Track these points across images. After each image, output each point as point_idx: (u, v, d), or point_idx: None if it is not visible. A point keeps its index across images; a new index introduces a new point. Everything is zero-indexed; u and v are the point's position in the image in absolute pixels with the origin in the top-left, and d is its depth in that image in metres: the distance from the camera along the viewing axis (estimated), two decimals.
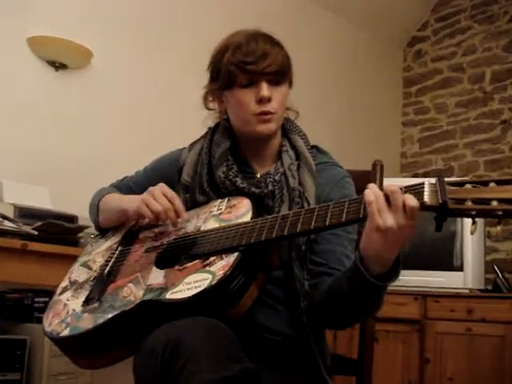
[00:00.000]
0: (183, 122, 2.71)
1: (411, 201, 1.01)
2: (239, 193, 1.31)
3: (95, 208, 1.50)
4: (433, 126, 4.41)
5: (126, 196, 1.45)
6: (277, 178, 1.33)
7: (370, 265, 1.09)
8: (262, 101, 1.29)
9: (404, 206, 1.02)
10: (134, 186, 1.53)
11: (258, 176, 1.37)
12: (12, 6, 2.69)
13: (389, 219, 1.03)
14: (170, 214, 1.29)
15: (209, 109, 1.43)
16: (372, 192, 1.05)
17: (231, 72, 1.30)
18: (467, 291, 3.09)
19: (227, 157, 1.36)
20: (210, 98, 1.41)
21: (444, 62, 4.41)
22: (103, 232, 1.50)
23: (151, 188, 1.32)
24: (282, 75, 1.32)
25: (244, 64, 1.28)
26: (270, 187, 1.31)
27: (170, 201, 1.29)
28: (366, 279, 1.09)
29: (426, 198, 1.01)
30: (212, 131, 1.43)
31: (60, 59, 2.78)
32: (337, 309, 1.21)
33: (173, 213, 1.29)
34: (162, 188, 1.31)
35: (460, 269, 3.11)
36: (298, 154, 1.37)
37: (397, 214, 1.03)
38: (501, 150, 4.02)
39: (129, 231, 1.43)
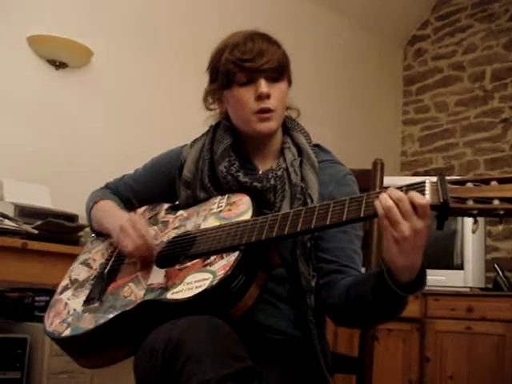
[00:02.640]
0: (183, 120, 2.71)
1: (419, 199, 1.00)
2: (241, 188, 1.31)
3: (88, 216, 1.51)
4: (433, 125, 4.41)
5: (114, 214, 1.41)
6: (279, 173, 1.32)
7: (396, 275, 1.08)
8: (260, 97, 1.29)
9: (414, 206, 1.01)
10: (133, 183, 1.53)
11: (260, 173, 1.37)
12: (12, 5, 2.69)
13: (405, 229, 1.01)
14: (141, 251, 1.26)
15: (209, 109, 1.43)
16: (383, 204, 1.03)
17: (229, 70, 1.30)
18: (468, 290, 3.09)
19: (229, 153, 1.36)
20: (210, 100, 1.41)
21: (444, 61, 4.41)
22: (100, 234, 1.50)
23: (123, 224, 1.29)
24: (280, 72, 1.32)
25: (242, 61, 1.29)
26: (272, 182, 1.31)
27: (140, 237, 1.26)
28: (393, 291, 1.08)
29: (428, 197, 1.01)
30: (214, 129, 1.43)
31: (60, 58, 2.77)
32: (359, 313, 1.21)
33: (143, 250, 1.26)
34: (133, 224, 1.28)
35: (460, 267, 3.11)
36: (301, 151, 1.37)
37: (410, 220, 1.01)
38: (501, 149, 4.02)
39: None
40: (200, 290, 1.10)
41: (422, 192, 1.02)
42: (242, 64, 1.29)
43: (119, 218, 1.33)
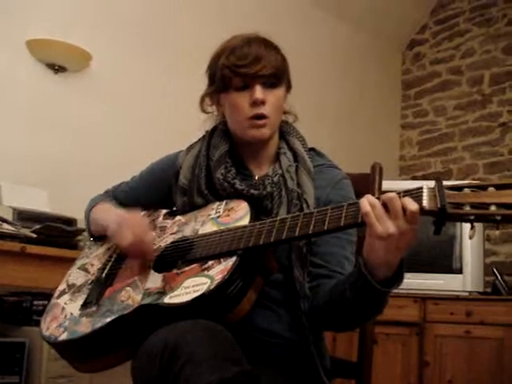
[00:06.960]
0: (183, 124, 2.71)
1: (411, 205, 1.01)
2: (238, 195, 1.31)
3: (87, 219, 1.51)
4: (432, 129, 4.41)
5: (113, 211, 1.42)
6: (275, 179, 1.32)
7: (374, 270, 1.09)
8: (255, 103, 1.30)
9: (404, 210, 1.02)
10: (130, 191, 1.53)
11: (256, 178, 1.37)
12: (11, 9, 2.70)
13: (390, 226, 1.03)
14: (137, 248, 1.26)
15: (205, 112, 1.43)
16: (367, 202, 1.05)
17: (225, 75, 1.31)
18: (466, 294, 3.08)
19: (226, 159, 1.36)
20: (209, 102, 1.41)
21: (443, 65, 4.42)
22: (98, 238, 1.49)
23: (124, 217, 1.29)
24: (276, 78, 1.32)
25: (237, 67, 1.29)
26: (269, 189, 1.31)
27: (139, 234, 1.25)
28: (371, 284, 1.09)
29: (425, 202, 1.01)
30: (209, 134, 1.43)
31: (59, 62, 2.78)
32: (339, 312, 1.21)
33: (139, 248, 1.25)
34: (134, 219, 1.29)
35: (459, 271, 3.11)
36: (296, 156, 1.37)
37: (397, 220, 1.02)
38: (500, 153, 4.02)
39: None
40: (197, 294, 1.10)
41: (420, 198, 1.02)
42: (236, 70, 1.29)
43: (118, 215, 1.33)
